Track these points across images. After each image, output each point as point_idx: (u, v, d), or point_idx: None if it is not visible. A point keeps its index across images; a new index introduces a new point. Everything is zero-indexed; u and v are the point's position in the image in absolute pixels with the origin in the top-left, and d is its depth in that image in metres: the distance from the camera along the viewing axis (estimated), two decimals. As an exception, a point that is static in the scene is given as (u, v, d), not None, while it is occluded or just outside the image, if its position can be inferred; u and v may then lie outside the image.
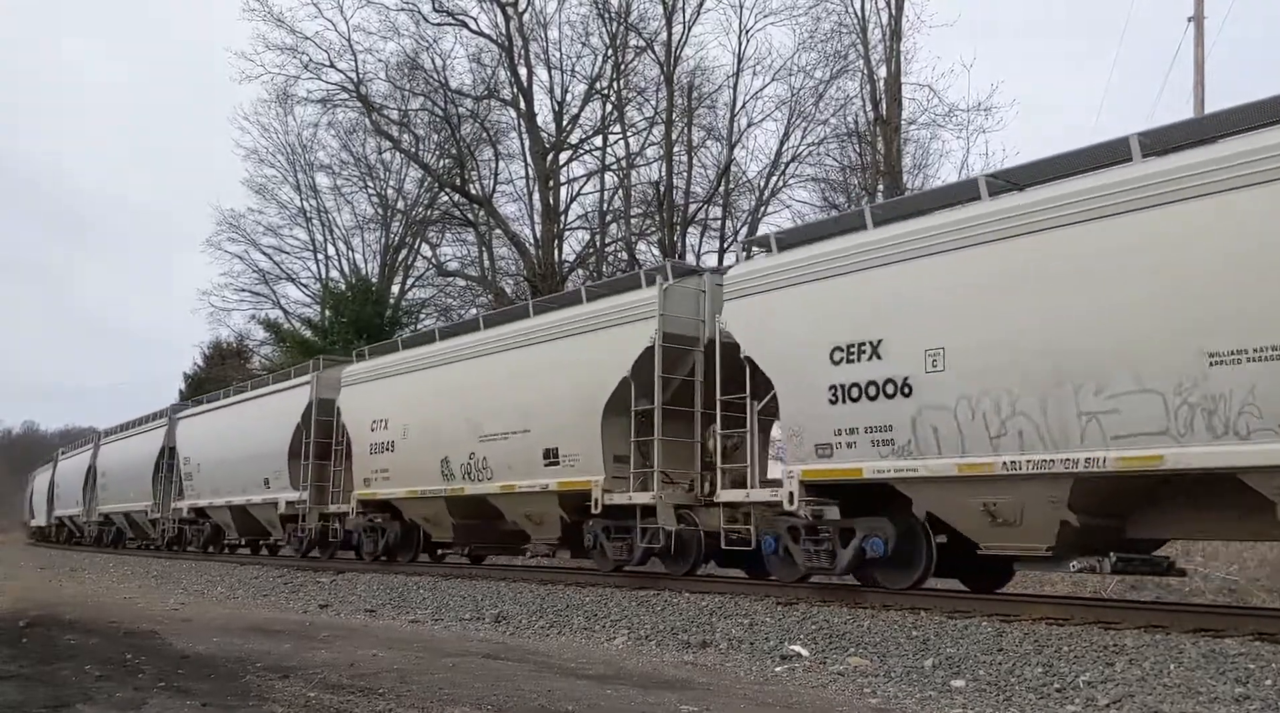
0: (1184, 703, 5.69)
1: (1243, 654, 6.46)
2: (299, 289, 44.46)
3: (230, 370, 41.68)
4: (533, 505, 13.54)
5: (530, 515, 13.74)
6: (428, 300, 41.00)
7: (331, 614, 11.93)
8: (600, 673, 7.04)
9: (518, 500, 13.66)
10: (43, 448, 65.75)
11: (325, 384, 18.60)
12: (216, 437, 22.69)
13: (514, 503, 13.79)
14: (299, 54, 33.00)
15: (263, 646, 8.24)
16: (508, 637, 9.58)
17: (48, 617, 10.26)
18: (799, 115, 30.46)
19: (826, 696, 6.32)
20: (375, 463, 16.43)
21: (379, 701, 5.71)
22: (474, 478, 14.13)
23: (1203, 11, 20.12)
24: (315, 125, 39.38)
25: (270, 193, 43.37)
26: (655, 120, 32.10)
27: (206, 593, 15.30)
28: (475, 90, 33.89)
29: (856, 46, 29.17)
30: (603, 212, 34.01)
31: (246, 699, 5.76)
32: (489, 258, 35.76)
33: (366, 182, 40.70)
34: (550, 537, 13.66)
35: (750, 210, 31.59)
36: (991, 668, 6.76)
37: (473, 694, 5.93)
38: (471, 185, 34.68)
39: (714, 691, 6.35)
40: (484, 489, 14.01)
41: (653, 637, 8.90)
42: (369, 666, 7.15)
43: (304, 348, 33.75)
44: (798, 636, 8.31)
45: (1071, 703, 5.93)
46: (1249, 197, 7.08)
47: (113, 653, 7.62)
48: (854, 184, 29.99)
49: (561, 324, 13.07)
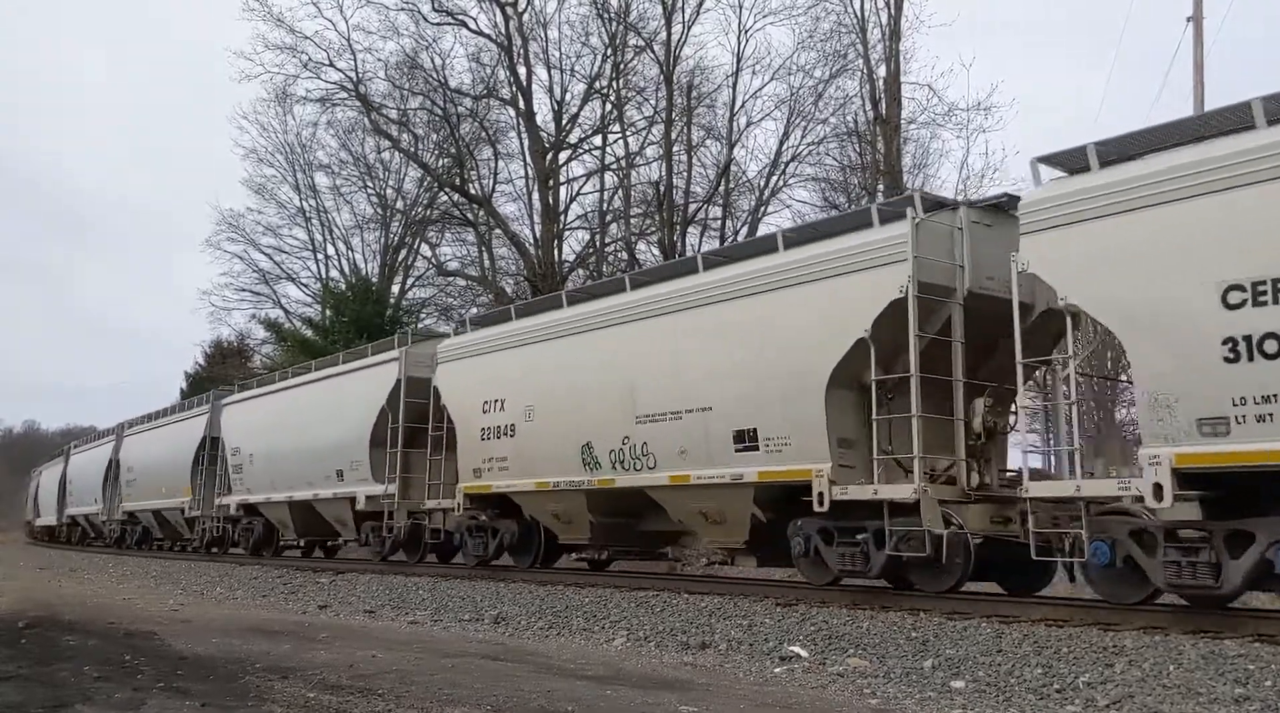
0: (1184, 704, 5.69)
1: (1242, 656, 6.46)
2: (299, 289, 44.53)
3: (231, 370, 41.66)
4: (713, 500, 11.19)
5: (708, 513, 11.37)
6: (428, 300, 41.07)
7: (331, 615, 11.92)
8: (600, 674, 7.04)
9: (691, 495, 11.38)
10: (43, 447, 65.68)
11: (416, 361, 16.21)
12: (275, 424, 20.30)
13: (685, 498, 11.53)
14: (298, 53, 33.01)
15: (262, 646, 8.24)
16: (507, 638, 9.57)
17: (47, 617, 10.24)
18: (798, 115, 30.47)
19: (826, 696, 6.31)
20: (488, 451, 14.20)
21: (378, 701, 5.71)
22: (628, 467, 11.96)
23: (1202, 11, 20.10)
24: (314, 125, 39.41)
25: (270, 193, 43.43)
26: (655, 120, 32.09)
27: (206, 594, 15.29)
28: (474, 90, 33.90)
29: (856, 46, 29.17)
30: (602, 211, 34.01)
31: (246, 700, 5.75)
32: (489, 258, 35.77)
33: (366, 181, 40.73)
34: (732, 540, 11.30)
35: (750, 210, 31.61)
36: (991, 669, 6.76)
37: (472, 695, 5.93)
38: (471, 185, 34.68)
39: (713, 691, 6.34)
40: (643, 481, 11.84)
41: (652, 638, 8.90)
42: (368, 666, 7.14)
43: (305, 347, 33.76)
44: (797, 637, 8.31)
45: (1071, 704, 5.93)
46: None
47: (112, 654, 7.61)
48: (854, 184, 30.00)
49: (751, 278, 10.81)
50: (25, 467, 55.98)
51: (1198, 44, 19.88)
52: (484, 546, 14.75)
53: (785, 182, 31.19)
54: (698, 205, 31.92)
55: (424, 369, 15.96)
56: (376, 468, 16.57)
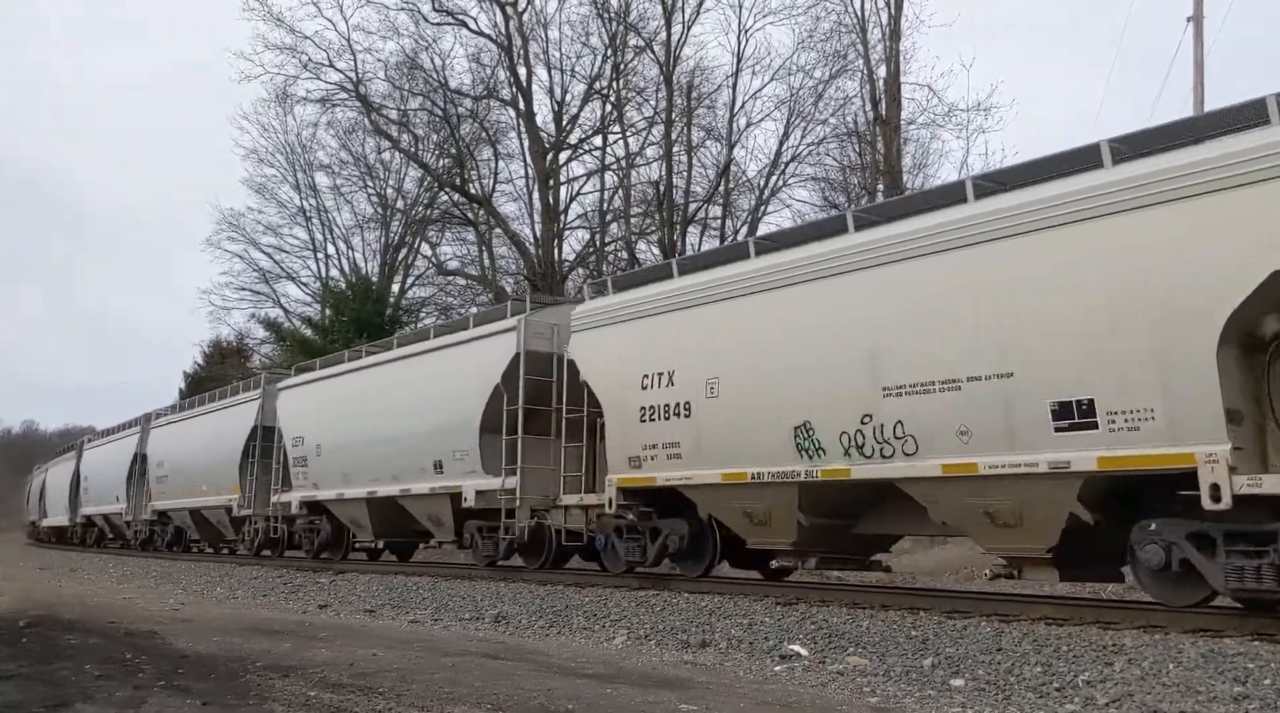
0: (1183, 702, 5.69)
1: (1241, 654, 6.46)
2: (299, 288, 44.57)
3: (230, 369, 41.70)
4: (1009, 496, 8.45)
5: (996, 513, 8.59)
6: (428, 299, 41.10)
7: (331, 614, 11.93)
8: (600, 673, 7.04)
9: (975, 489, 8.66)
10: (43, 447, 65.65)
11: (537, 332, 13.62)
12: (349, 410, 17.34)
13: (963, 493, 8.78)
14: (298, 53, 33.12)
15: (263, 645, 8.24)
16: (507, 637, 9.58)
17: (47, 617, 10.25)
18: (798, 115, 30.51)
19: (826, 695, 6.32)
20: (651, 435, 11.54)
21: (379, 700, 5.72)
22: (871, 453, 9.30)
23: (1202, 11, 20.12)
24: (315, 125, 39.55)
25: (270, 192, 43.49)
26: (655, 120, 32.13)
27: (206, 593, 15.30)
28: (475, 90, 33.96)
29: (856, 46, 29.21)
30: (602, 211, 34.04)
31: (246, 699, 5.76)
32: (489, 257, 35.82)
33: (366, 181, 40.79)
34: (1031, 547, 8.54)
35: (750, 210, 31.64)
36: (990, 667, 6.77)
37: (472, 694, 5.94)
38: (471, 185, 34.72)
39: (713, 690, 6.35)
40: (895, 472, 9.20)
41: (652, 637, 8.91)
42: (369, 665, 7.15)
43: (304, 347, 33.76)
44: (797, 635, 8.31)
45: (1070, 702, 5.93)
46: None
47: (112, 653, 7.62)
48: (854, 184, 30.02)
49: (1065, 203, 8.04)
50: (25, 467, 55.78)
51: (1198, 44, 19.91)
52: (640, 550, 12.17)
53: (785, 182, 31.25)
54: (698, 205, 31.98)
55: (543, 342, 13.61)
56: (489, 458, 13.90)
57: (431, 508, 15.56)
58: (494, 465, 13.79)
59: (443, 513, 15.25)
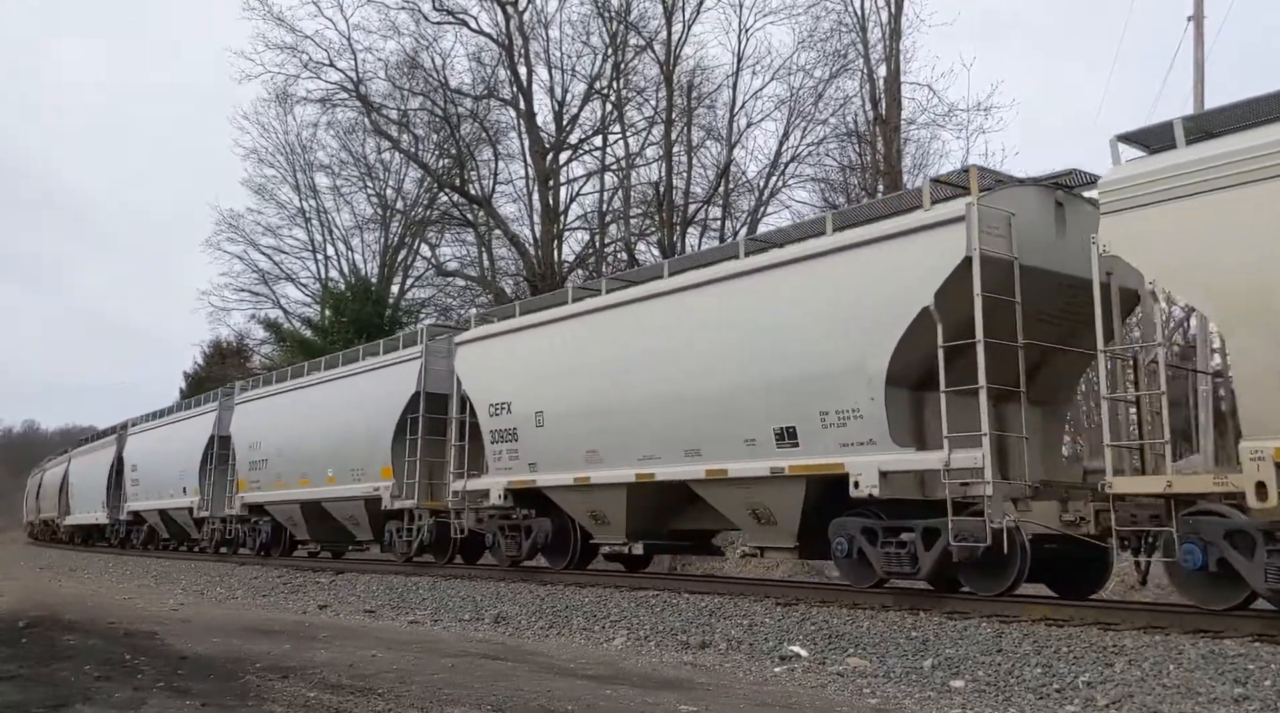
0: (1183, 703, 5.69)
1: (1242, 655, 6.46)
2: (298, 289, 44.55)
3: (230, 370, 41.72)
4: None
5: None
6: (427, 300, 41.10)
7: (331, 615, 11.93)
8: (599, 673, 7.04)
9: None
10: (43, 447, 65.67)
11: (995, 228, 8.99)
12: (596, 360, 12.47)
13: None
14: (298, 53, 33.04)
15: (262, 646, 8.24)
16: (507, 637, 9.58)
17: (47, 617, 10.25)
18: (798, 115, 30.48)
19: (826, 696, 6.32)
20: None
21: (378, 701, 5.71)
22: None
23: (1202, 11, 20.11)
24: (315, 125, 39.57)
25: (270, 193, 43.46)
26: (655, 120, 32.10)
27: (206, 593, 15.29)
28: (475, 90, 33.93)
29: (856, 45, 29.18)
30: (602, 212, 34.02)
31: (246, 699, 5.76)
32: (488, 258, 35.81)
33: (366, 182, 40.78)
34: None
35: (750, 210, 31.62)
36: (991, 669, 6.76)
37: (472, 694, 5.93)
38: (471, 185, 34.71)
39: (713, 691, 6.35)
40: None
41: (652, 637, 8.91)
42: (368, 666, 7.14)
43: (304, 348, 33.76)
44: (797, 636, 8.31)
45: (1071, 703, 5.93)
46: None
47: (112, 653, 7.62)
48: (854, 184, 30.02)
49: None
50: (25, 466, 55.75)
51: (1198, 44, 19.89)
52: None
53: (785, 182, 31.23)
54: (697, 206, 31.95)
55: (1002, 241, 9.21)
56: (897, 424, 10.13)
57: (769, 497, 12.99)
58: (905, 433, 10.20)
59: (781, 503, 11.02)
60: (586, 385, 12.52)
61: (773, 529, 10.51)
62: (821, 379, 9.75)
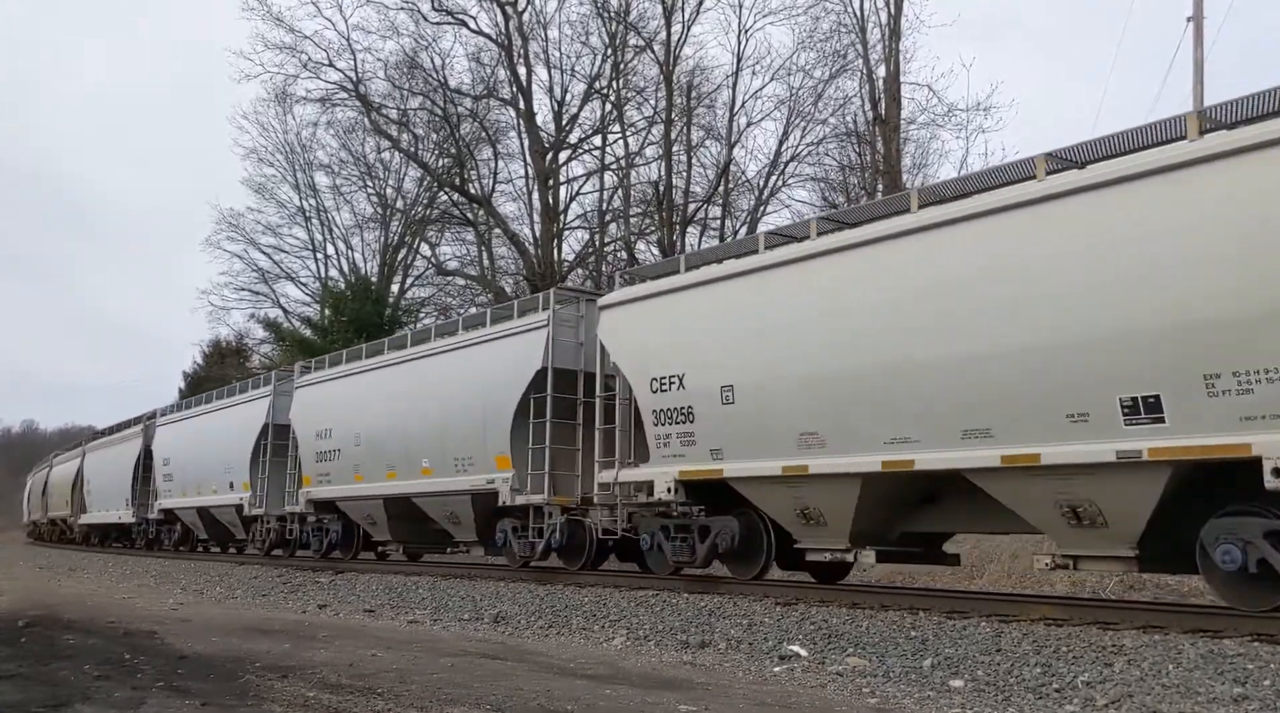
0: (1182, 703, 5.69)
1: (1241, 655, 6.46)
2: (298, 288, 44.59)
3: (230, 369, 41.72)
4: None
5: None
6: (427, 299, 41.12)
7: (330, 614, 11.93)
8: (599, 673, 7.04)
9: None
10: (43, 447, 65.67)
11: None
12: (812, 317, 9.92)
13: None
14: (298, 53, 33.16)
15: (261, 645, 8.24)
16: (507, 637, 9.58)
17: (47, 617, 10.26)
18: (798, 115, 30.54)
19: (825, 695, 6.32)
20: None
21: (378, 700, 5.71)
22: None
23: (1202, 12, 20.10)
24: (314, 124, 39.58)
25: (269, 192, 43.53)
26: (654, 120, 32.14)
27: (205, 593, 15.29)
28: (474, 89, 33.97)
29: (855, 46, 29.23)
30: (602, 211, 34.05)
31: (245, 699, 5.76)
32: (488, 257, 35.84)
33: (366, 181, 40.82)
34: None
35: (749, 210, 31.65)
36: (990, 668, 6.76)
37: (472, 694, 5.93)
38: (471, 185, 34.74)
39: (712, 691, 6.35)
40: None
41: (651, 637, 8.91)
42: (368, 665, 7.15)
43: (303, 347, 33.75)
44: (796, 636, 8.31)
45: (1070, 703, 5.93)
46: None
47: (111, 653, 7.62)
48: (853, 184, 30.04)
49: None
50: (25, 466, 55.74)
51: (1198, 44, 19.88)
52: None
53: (785, 182, 31.28)
54: (697, 205, 31.99)
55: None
56: None
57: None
58: None
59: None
60: (800, 351, 9.86)
61: (1099, 533, 7.95)
62: (1214, 328, 7.03)
